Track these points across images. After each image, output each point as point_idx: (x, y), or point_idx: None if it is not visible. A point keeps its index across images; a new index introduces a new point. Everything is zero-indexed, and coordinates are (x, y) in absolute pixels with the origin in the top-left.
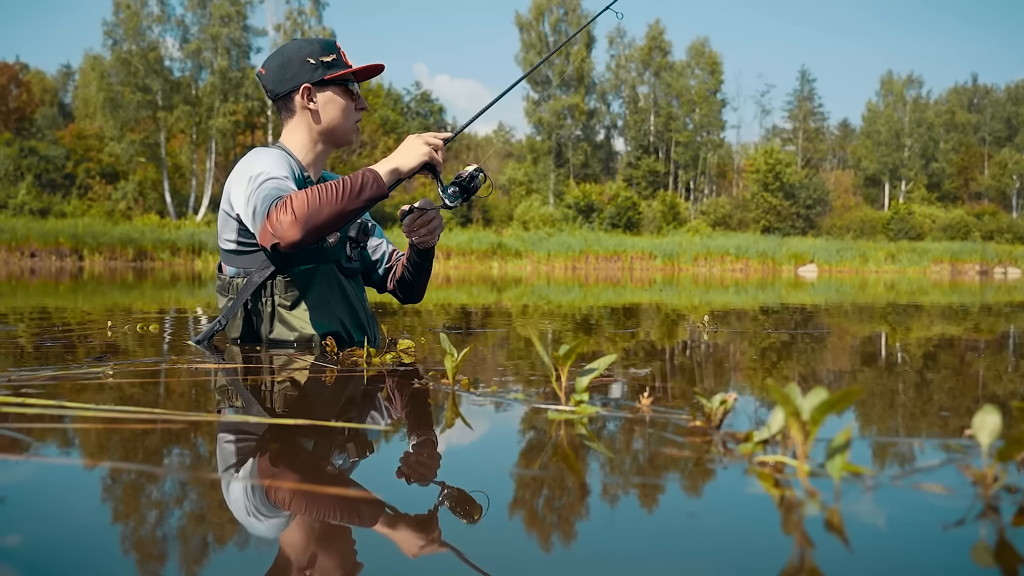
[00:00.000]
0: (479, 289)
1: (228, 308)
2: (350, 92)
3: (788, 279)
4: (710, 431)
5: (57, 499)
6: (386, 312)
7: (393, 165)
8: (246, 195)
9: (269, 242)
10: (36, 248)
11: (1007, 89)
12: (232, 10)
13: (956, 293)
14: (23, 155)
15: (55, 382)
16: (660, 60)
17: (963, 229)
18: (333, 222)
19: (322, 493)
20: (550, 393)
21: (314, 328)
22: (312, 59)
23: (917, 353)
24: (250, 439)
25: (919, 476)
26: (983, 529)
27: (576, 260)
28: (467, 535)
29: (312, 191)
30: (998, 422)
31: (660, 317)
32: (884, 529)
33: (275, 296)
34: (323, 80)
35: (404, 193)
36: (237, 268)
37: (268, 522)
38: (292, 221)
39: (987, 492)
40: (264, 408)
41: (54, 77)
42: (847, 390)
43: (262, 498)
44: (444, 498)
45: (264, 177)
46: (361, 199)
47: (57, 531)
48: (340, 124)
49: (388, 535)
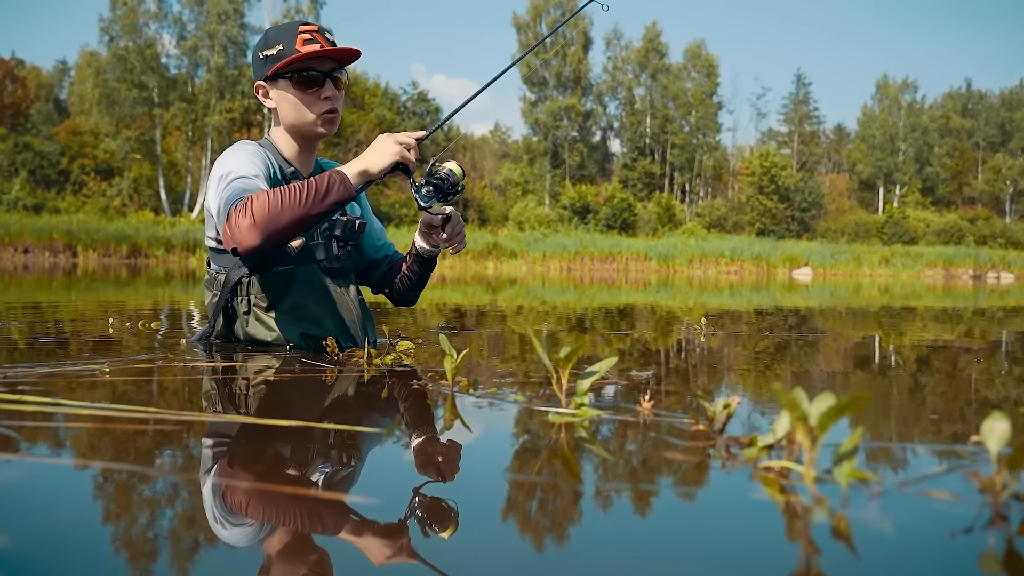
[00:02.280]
0: (474, 289)
1: (214, 306)
2: (306, 81)
3: (783, 282)
4: (713, 435)
5: (45, 499)
6: (382, 312)
7: (363, 167)
8: (216, 193)
9: (229, 245)
10: (30, 244)
11: (1001, 95)
12: (229, 7)
13: (950, 297)
14: (18, 151)
15: (50, 378)
16: (657, 62)
17: (957, 234)
18: (295, 227)
19: (304, 496)
20: (550, 395)
21: (292, 331)
22: (260, 53)
23: (918, 357)
24: (236, 440)
25: (926, 483)
26: (991, 537)
27: (571, 261)
28: (461, 540)
29: (274, 193)
30: (1007, 429)
31: (655, 319)
32: (891, 536)
33: (251, 296)
34: (271, 75)
35: (401, 193)
36: (219, 265)
37: (235, 530)
38: (251, 225)
39: (996, 500)
40: (255, 409)
41: (50, 73)
42: (855, 396)
43: (234, 503)
44: (417, 506)
45: (233, 176)
46: (326, 203)
47: (43, 530)
48: (295, 119)
49: (356, 543)
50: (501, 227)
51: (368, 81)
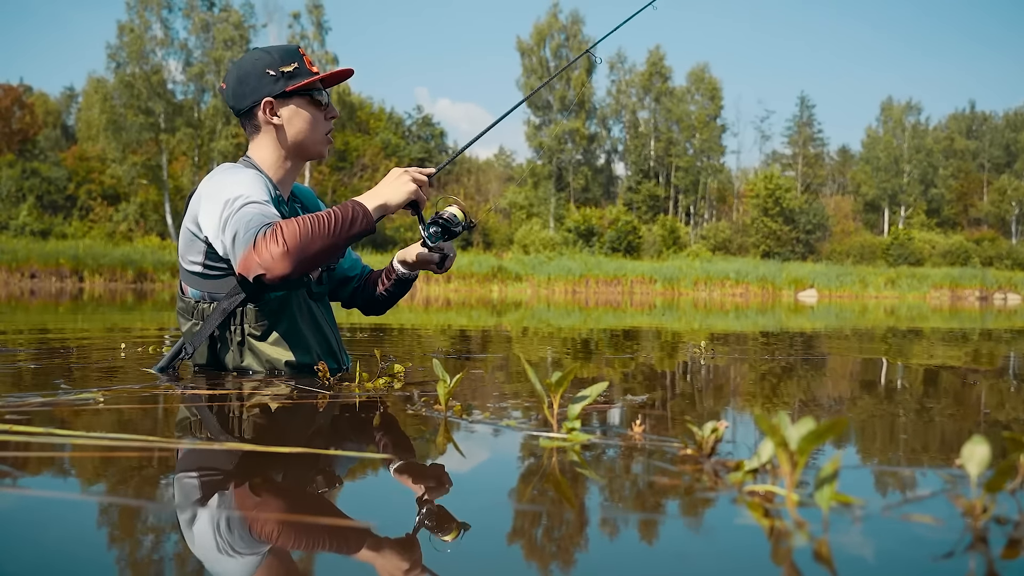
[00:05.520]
0: (479, 312)
1: (196, 334)
2: (317, 102)
3: (788, 304)
4: (701, 459)
5: (39, 531)
6: (385, 334)
7: (381, 201)
8: (221, 218)
9: (253, 272)
10: (36, 269)
11: (1005, 116)
12: (235, 34)
13: (956, 319)
14: (25, 176)
15: (49, 407)
16: (660, 86)
17: (962, 255)
18: (323, 256)
19: (297, 522)
20: (543, 420)
21: (285, 358)
22: (272, 70)
23: (914, 381)
24: (226, 468)
25: (909, 507)
26: (972, 561)
27: (576, 284)
28: (446, 563)
29: (304, 221)
30: (987, 452)
31: (659, 342)
32: (872, 561)
33: (245, 325)
34: (285, 92)
35: (405, 217)
36: (202, 292)
37: (239, 558)
38: (284, 253)
39: (976, 523)
40: (243, 436)
41: (57, 99)
42: (834, 421)
43: (239, 531)
44: (420, 524)
45: (244, 200)
46: (351, 233)
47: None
48: (307, 137)
49: (371, 560)
50: (506, 250)
51: (373, 106)
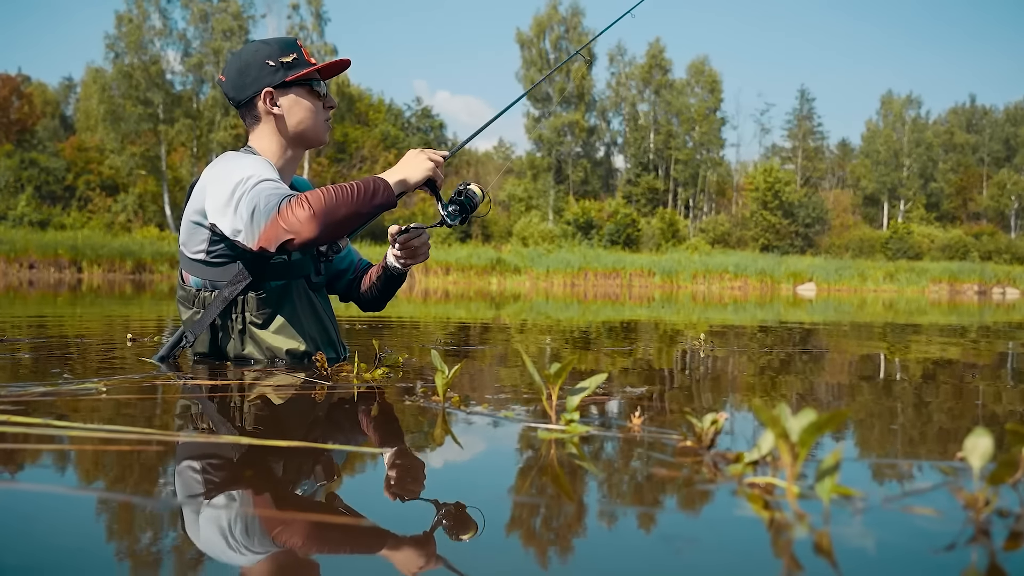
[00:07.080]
0: (478, 305)
1: (196, 323)
2: (316, 92)
3: (787, 297)
4: (700, 451)
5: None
6: (384, 326)
7: (401, 176)
8: (233, 198)
9: (280, 239)
10: (35, 260)
11: (1005, 110)
12: (234, 24)
13: (955, 313)
14: (23, 167)
15: (51, 398)
16: (660, 78)
17: (961, 249)
18: (348, 223)
19: (295, 518)
20: (542, 411)
21: (286, 347)
22: (271, 61)
23: (914, 373)
24: (227, 460)
25: (910, 499)
26: (974, 554)
27: (575, 276)
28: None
29: (327, 189)
30: (990, 445)
31: (658, 334)
32: (873, 553)
33: (246, 313)
34: (285, 82)
35: (405, 208)
36: (203, 280)
37: (244, 554)
38: (311, 216)
39: (978, 516)
40: (245, 428)
41: (56, 89)
42: (835, 412)
43: (240, 525)
44: (438, 523)
45: (257, 179)
46: (374, 203)
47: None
48: (308, 126)
49: (384, 555)
50: (505, 243)
51: (372, 97)
